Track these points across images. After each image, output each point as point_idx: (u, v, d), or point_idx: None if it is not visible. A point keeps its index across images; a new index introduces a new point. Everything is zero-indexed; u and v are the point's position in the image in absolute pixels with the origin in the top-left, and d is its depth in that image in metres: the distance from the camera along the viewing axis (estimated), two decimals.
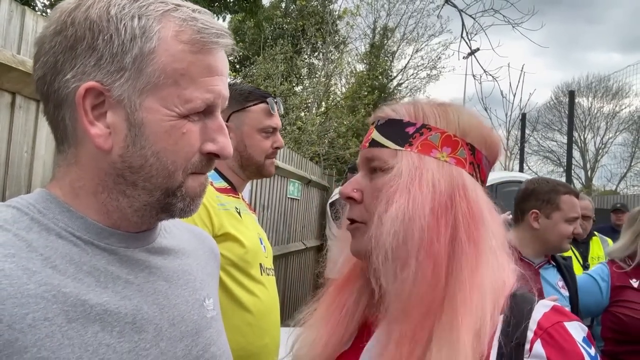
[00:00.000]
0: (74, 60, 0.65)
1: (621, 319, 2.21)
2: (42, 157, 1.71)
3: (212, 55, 0.69)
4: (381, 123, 0.87)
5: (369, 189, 0.85)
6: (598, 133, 24.72)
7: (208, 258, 0.91)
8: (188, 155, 0.69)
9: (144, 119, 0.66)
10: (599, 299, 2.27)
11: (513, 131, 14.60)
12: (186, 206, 0.71)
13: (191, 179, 0.71)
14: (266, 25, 11.76)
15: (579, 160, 24.23)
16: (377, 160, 0.84)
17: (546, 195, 2.04)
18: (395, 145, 0.83)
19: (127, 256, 0.70)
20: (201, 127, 0.70)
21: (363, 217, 0.84)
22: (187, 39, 0.67)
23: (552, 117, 23.44)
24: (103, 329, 0.63)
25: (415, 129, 0.83)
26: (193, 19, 0.68)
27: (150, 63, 0.65)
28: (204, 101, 0.68)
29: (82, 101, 0.65)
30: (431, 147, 0.82)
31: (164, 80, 0.66)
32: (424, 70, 18.15)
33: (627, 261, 2.32)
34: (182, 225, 0.91)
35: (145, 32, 0.65)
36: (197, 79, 0.68)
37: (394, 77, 17.76)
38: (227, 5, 8.36)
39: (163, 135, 0.67)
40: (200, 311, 0.79)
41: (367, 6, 17.39)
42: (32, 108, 1.65)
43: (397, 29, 17.88)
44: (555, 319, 0.75)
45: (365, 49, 17.54)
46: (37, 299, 0.58)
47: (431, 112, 0.84)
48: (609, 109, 24.16)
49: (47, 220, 0.66)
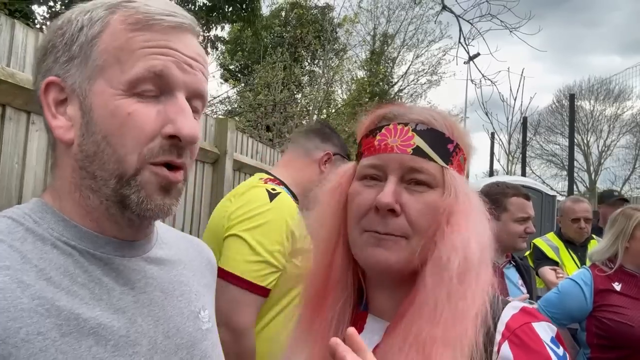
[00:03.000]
0: (42, 63, 0.70)
1: (606, 323, 2.18)
2: (33, 169, 1.72)
3: (155, 31, 0.67)
4: (422, 129, 0.82)
5: (413, 203, 0.79)
6: (601, 136, 24.63)
7: (205, 269, 0.90)
8: (139, 138, 0.65)
9: (93, 103, 0.66)
10: (582, 303, 2.25)
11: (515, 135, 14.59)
12: (141, 200, 0.66)
13: (149, 171, 0.66)
14: (265, 34, 11.83)
15: (583, 163, 24.13)
16: (425, 174, 0.80)
17: (494, 197, 2.14)
18: (441, 161, 0.81)
19: (123, 265, 0.70)
20: (159, 109, 0.66)
21: (405, 232, 0.79)
22: (131, 20, 0.67)
23: (555, 121, 23.40)
24: (97, 342, 0.62)
25: (453, 146, 0.82)
26: (145, 5, 0.68)
27: (95, 47, 0.66)
28: (147, 69, 0.65)
29: (44, 96, 0.68)
30: (461, 169, 0.83)
31: (106, 60, 0.66)
32: (425, 76, 18.19)
33: (608, 264, 2.31)
34: (179, 235, 0.90)
35: (92, 19, 0.67)
36: (136, 50, 0.66)
37: (394, 83, 17.80)
38: (225, 15, 8.41)
39: (109, 117, 0.65)
40: (195, 323, 0.78)
41: (367, 13, 17.49)
42: (22, 120, 1.66)
43: (397, 35, 17.96)
44: (522, 320, 0.76)
45: (366, 55, 17.60)
46: (31, 313, 0.58)
47: (458, 132, 0.84)
48: (611, 112, 24.09)
49: (42, 230, 0.65)
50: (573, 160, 8.29)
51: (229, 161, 3.07)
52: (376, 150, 0.83)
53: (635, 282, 2.24)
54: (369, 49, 17.85)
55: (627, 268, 2.29)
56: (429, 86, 18.36)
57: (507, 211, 2.19)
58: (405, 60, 18.39)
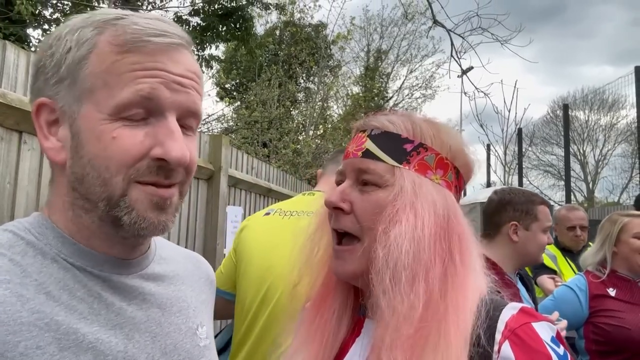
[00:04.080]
0: (34, 84, 0.70)
1: (604, 329, 2.18)
2: (25, 188, 1.72)
3: (142, 53, 0.65)
4: (376, 134, 0.85)
5: (360, 202, 0.82)
6: (597, 145, 24.75)
7: (203, 285, 0.89)
8: (124, 160, 0.64)
9: (81, 126, 0.66)
10: (578, 309, 2.25)
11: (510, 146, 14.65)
12: (134, 220, 0.66)
13: (136, 190, 0.65)
14: (260, 53, 11.96)
15: (580, 173, 24.19)
16: (372, 174, 0.82)
17: (524, 205, 1.95)
18: (392, 160, 0.82)
19: (120, 282, 0.70)
20: (147, 132, 0.66)
21: (355, 230, 0.82)
22: (118, 41, 0.66)
23: (550, 131, 23.52)
24: (95, 357, 0.62)
25: (413, 146, 0.83)
26: (133, 24, 0.66)
27: (83, 69, 0.66)
28: (133, 94, 0.64)
29: (36, 117, 0.68)
30: (427, 168, 0.83)
31: (94, 84, 0.65)
32: (419, 90, 18.35)
33: (601, 270, 2.31)
34: (177, 250, 0.90)
35: (79, 41, 0.66)
36: (123, 73, 0.64)
37: (389, 97, 17.93)
38: (220, 34, 8.52)
39: (94, 141, 0.65)
40: (193, 340, 0.78)
41: (360, 30, 17.69)
42: (14, 139, 1.66)
43: (390, 51, 18.14)
44: (522, 320, 0.76)
45: (360, 71, 17.76)
46: (30, 327, 0.58)
47: (428, 131, 0.84)
48: (606, 121, 24.25)
49: (42, 245, 0.66)
50: (569, 170, 8.32)
51: (224, 177, 3.08)
52: (343, 159, 0.90)
53: (629, 287, 2.24)
54: (363, 64, 18.02)
55: (619, 273, 2.30)
56: (423, 100, 18.54)
57: (537, 220, 1.94)
58: (399, 75, 18.60)
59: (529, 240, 1.94)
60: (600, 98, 22.09)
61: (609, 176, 23.59)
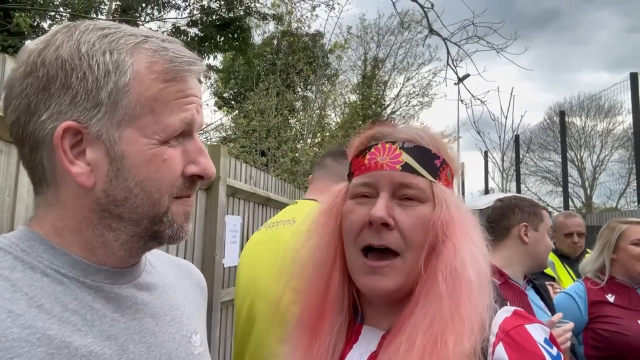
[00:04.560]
0: (48, 100, 0.65)
1: (603, 335, 2.19)
2: (24, 201, 1.73)
3: (183, 81, 0.70)
4: (409, 147, 0.84)
5: (405, 217, 0.81)
6: (594, 151, 24.82)
7: (195, 292, 0.90)
8: (172, 180, 0.69)
9: (125, 151, 0.66)
10: (577, 316, 2.25)
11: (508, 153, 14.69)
12: (174, 233, 0.72)
13: (176, 204, 0.71)
14: (257, 62, 12.02)
15: (577, 179, 24.24)
16: (415, 189, 0.82)
17: (530, 208, 2.01)
18: (430, 176, 0.83)
19: (113, 292, 0.70)
20: (182, 151, 0.71)
21: (399, 246, 0.81)
22: (159, 69, 0.68)
23: (547, 138, 23.60)
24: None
25: (440, 162, 0.85)
26: (164, 49, 0.69)
27: (125, 96, 0.66)
28: (181, 121, 0.69)
29: (60, 142, 0.65)
30: (449, 183, 0.86)
31: (140, 110, 0.66)
32: (416, 98, 18.43)
33: (600, 277, 2.33)
34: (167, 259, 0.90)
35: (119, 66, 0.66)
36: (170, 102, 0.68)
37: (387, 105, 18.00)
38: (218, 45, 8.58)
39: (145, 164, 0.67)
40: (187, 348, 0.78)
41: (357, 39, 17.80)
42: (13, 152, 1.67)
43: (387, 59, 18.25)
44: (516, 322, 0.77)
45: (358, 79, 17.85)
46: (22, 343, 0.58)
47: (444, 148, 0.87)
48: (603, 127, 24.34)
49: (31, 259, 0.65)
50: (567, 176, 8.36)
51: (222, 186, 3.09)
52: (367, 169, 0.86)
53: (627, 293, 2.25)
54: (361, 73, 18.12)
55: (618, 279, 2.32)
56: (420, 108, 18.62)
57: (544, 222, 2.00)
58: (396, 83, 18.70)
59: (539, 241, 1.97)
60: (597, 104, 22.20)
61: (607, 182, 23.66)
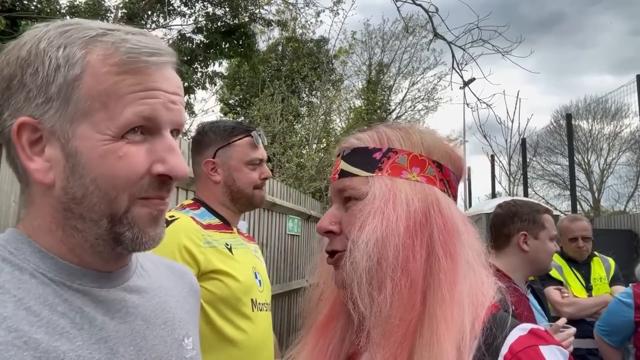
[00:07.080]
0: (10, 98, 0.66)
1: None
2: None
3: (142, 73, 0.66)
4: (347, 153, 0.88)
5: (346, 219, 0.84)
6: (601, 154, 24.65)
7: (187, 295, 0.88)
8: (131, 178, 0.66)
9: (78, 147, 0.65)
10: (628, 320, 2.30)
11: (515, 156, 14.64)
12: (136, 236, 0.67)
13: (139, 205, 0.67)
14: (262, 68, 12.08)
15: (585, 182, 24.07)
16: (349, 190, 0.84)
17: (530, 215, 2.00)
18: (365, 172, 0.84)
19: (102, 295, 0.68)
20: (148, 148, 0.67)
21: (344, 246, 0.83)
22: (113, 61, 0.65)
23: (554, 141, 23.49)
24: None
25: (381, 153, 0.84)
26: (123, 41, 0.66)
27: (76, 90, 0.64)
28: (135, 115, 0.65)
29: (17, 137, 0.65)
30: (401, 169, 0.83)
31: (91, 105, 0.64)
32: (421, 102, 18.43)
33: None
34: (159, 261, 0.89)
35: (69, 60, 0.65)
36: (124, 95, 0.65)
37: (392, 110, 18.01)
38: (223, 51, 8.64)
39: (98, 160, 0.64)
40: (179, 351, 0.77)
41: (362, 44, 17.86)
42: None
43: (392, 64, 18.27)
44: (528, 343, 0.72)
45: (362, 85, 17.88)
46: (8, 347, 0.56)
47: (394, 136, 0.86)
48: (610, 130, 24.20)
49: (19, 260, 0.64)
50: (574, 180, 8.30)
51: None
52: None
53: None
54: (365, 78, 18.16)
55: None
56: (426, 112, 18.61)
57: (545, 229, 2.00)
58: (401, 88, 18.70)
59: (539, 249, 1.97)
60: (603, 107, 22.09)
61: (615, 185, 23.48)
